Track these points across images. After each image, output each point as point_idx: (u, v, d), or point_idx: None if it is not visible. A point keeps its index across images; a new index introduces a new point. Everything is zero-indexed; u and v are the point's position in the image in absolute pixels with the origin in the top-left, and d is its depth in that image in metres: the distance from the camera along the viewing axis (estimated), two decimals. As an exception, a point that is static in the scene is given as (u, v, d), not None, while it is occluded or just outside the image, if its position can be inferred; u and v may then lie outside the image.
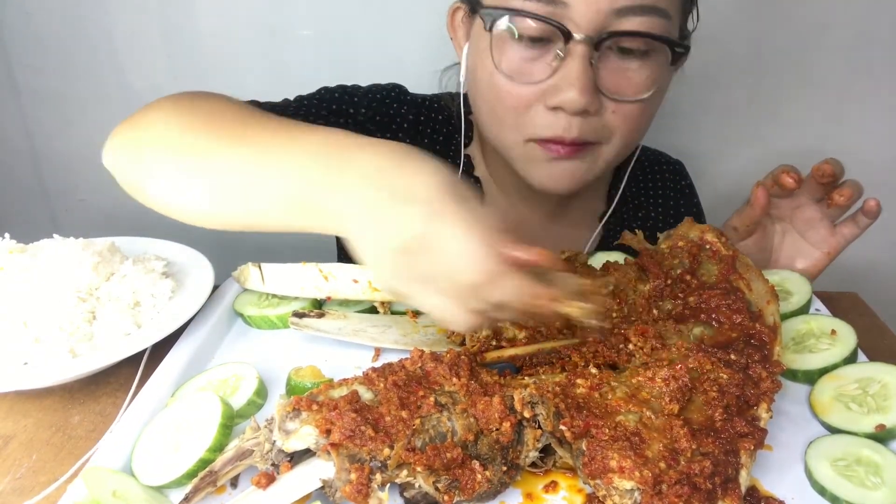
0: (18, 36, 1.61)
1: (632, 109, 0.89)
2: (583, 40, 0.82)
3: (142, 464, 0.62)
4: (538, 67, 0.86)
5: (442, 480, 0.58)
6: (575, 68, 0.83)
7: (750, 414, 0.64)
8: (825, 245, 0.98)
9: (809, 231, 0.99)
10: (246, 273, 0.87)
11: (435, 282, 0.57)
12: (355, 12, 1.53)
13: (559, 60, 0.84)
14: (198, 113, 0.78)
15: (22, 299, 0.77)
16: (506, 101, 0.90)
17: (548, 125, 0.88)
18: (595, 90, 0.85)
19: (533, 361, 0.73)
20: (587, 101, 0.84)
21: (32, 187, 1.82)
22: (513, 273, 0.56)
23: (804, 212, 0.98)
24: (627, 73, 0.87)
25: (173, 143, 0.76)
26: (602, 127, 0.90)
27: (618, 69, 0.86)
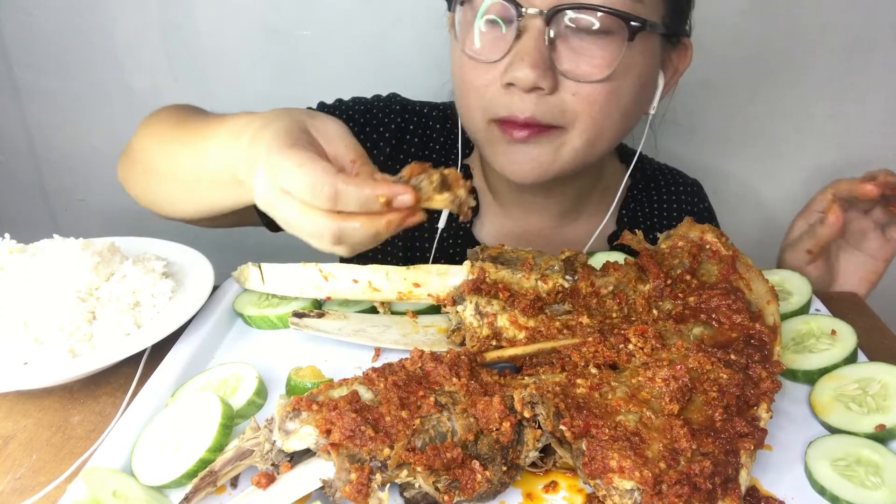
0: (18, 36, 1.61)
1: (594, 92, 0.86)
2: (535, 14, 0.82)
3: (142, 464, 0.62)
4: (497, 46, 0.86)
5: (442, 480, 0.58)
6: (526, 42, 0.83)
7: (750, 414, 0.64)
8: (881, 253, 0.99)
9: (864, 242, 1.00)
10: (246, 273, 0.87)
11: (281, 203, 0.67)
12: (355, 12, 1.53)
13: (513, 38, 0.84)
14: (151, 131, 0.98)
15: (22, 299, 0.77)
16: (468, 81, 0.90)
17: (504, 104, 0.88)
18: (549, 66, 0.84)
19: (533, 361, 0.72)
20: (537, 76, 0.83)
21: (32, 187, 1.82)
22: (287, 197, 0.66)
23: (856, 224, 0.99)
24: (587, 52, 0.85)
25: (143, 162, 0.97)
26: (562, 110, 0.87)
27: (577, 48, 0.85)
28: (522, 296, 0.77)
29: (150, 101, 1.66)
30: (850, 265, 1.01)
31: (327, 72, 1.60)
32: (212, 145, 0.80)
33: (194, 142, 0.84)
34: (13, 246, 0.82)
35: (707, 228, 0.82)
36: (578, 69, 0.85)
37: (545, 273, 0.78)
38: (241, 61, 1.62)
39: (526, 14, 0.83)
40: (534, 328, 0.75)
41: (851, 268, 1.01)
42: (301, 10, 1.55)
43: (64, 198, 1.83)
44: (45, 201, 1.85)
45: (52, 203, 1.85)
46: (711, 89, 1.60)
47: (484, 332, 0.76)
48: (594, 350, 0.70)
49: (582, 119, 0.88)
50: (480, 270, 0.78)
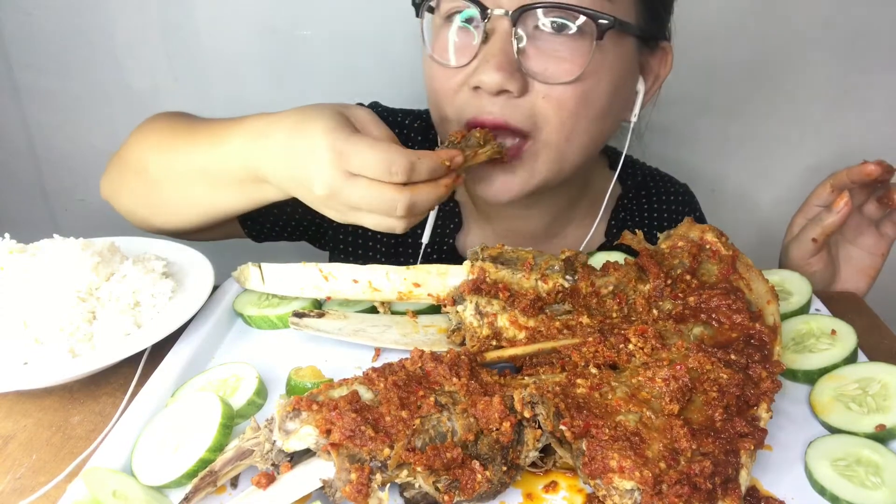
0: (18, 36, 1.61)
1: (564, 95, 0.85)
2: (501, 16, 0.81)
3: (142, 464, 0.62)
4: (465, 50, 0.86)
5: (442, 480, 0.58)
6: (492, 44, 0.82)
7: (750, 414, 0.64)
8: (877, 248, 0.99)
9: (860, 238, 1.00)
10: (246, 273, 0.87)
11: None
12: (355, 12, 1.53)
13: (482, 42, 0.83)
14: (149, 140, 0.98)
15: (22, 299, 0.77)
16: (438, 87, 0.89)
17: (472, 108, 0.87)
18: (516, 68, 0.82)
19: (533, 361, 0.72)
20: (503, 78, 0.81)
21: (32, 187, 1.82)
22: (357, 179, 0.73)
23: (852, 219, 0.99)
24: (555, 53, 0.84)
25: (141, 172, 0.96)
26: (532, 113, 0.85)
27: (545, 49, 0.83)
28: (522, 296, 0.77)
29: (150, 101, 1.68)
30: (849, 261, 1.02)
31: (327, 72, 1.61)
32: (229, 147, 0.83)
33: (208, 145, 0.87)
34: (13, 246, 0.82)
35: (707, 228, 0.82)
36: (547, 71, 0.84)
37: (545, 273, 0.78)
38: (241, 61, 1.62)
39: (492, 15, 0.81)
40: (534, 328, 0.75)
41: (850, 263, 1.01)
42: (301, 10, 1.55)
43: (64, 198, 1.83)
44: (45, 201, 1.85)
45: (52, 203, 1.85)
46: (710, 89, 1.60)
47: (484, 332, 0.76)
48: (594, 350, 0.70)
49: (551, 122, 0.86)
50: (480, 270, 0.78)
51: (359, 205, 0.74)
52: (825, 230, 0.96)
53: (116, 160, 1.01)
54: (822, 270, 1.01)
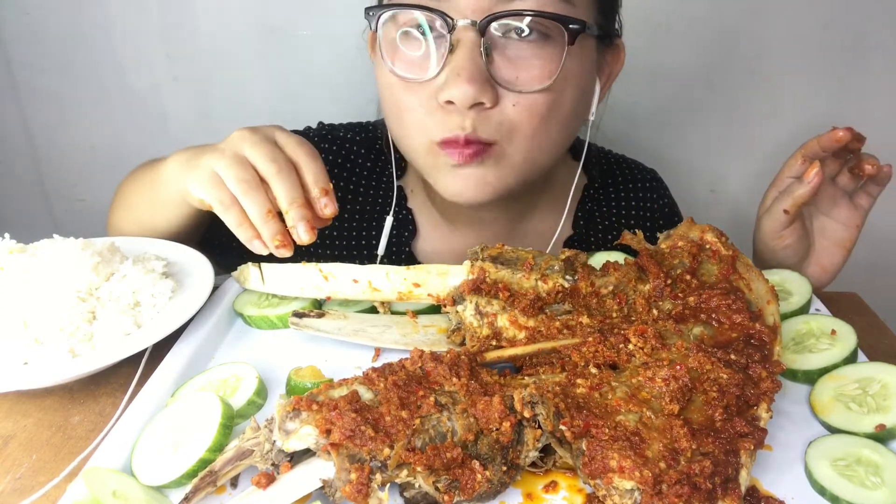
0: (18, 36, 1.61)
1: (535, 102, 0.84)
2: (467, 26, 0.78)
3: (142, 464, 0.62)
4: (429, 63, 0.82)
5: (442, 480, 0.58)
6: (460, 56, 0.79)
7: (750, 414, 0.64)
8: (851, 220, 0.98)
9: (834, 209, 0.98)
10: (246, 273, 0.87)
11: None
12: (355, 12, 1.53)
13: (448, 53, 0.80)
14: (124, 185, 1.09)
15: (22, 299, 0.77)
16: (401, 103, 0.86)
17: (444, 124, 0.84)
18: (486, 79, 0.80)
19: (533, 361, 0.72)
20: (476, 91, 0.79)
21: (32, 187, 1.82)
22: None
23: (825, 190, 0.98)
24: (526, 61, 0.82)
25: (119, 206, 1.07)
26: (503, 123, 0.84)
27: (515, 57, 0.82)
28: (522, 296, 0.77)
29: (150, 101, 1.68)
30: (824, 233, 1.00)
31: (327, 72, 1.61)
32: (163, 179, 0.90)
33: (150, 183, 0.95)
34: (13, 246, 0.82)
35: (707, 228, 0.82)
36: (518, 79, 0.82)
37: (545, 273, 0.78)
38: (241, 61, 1.62)
39: (457, 26, 0.79)
40: (534, 328, 0.75)
41: (825, 236, 1.00)
42: (301, 10, 1.55)
43: (64, 198, 1.84)
44: (45, 201, 1.85)
45: (52, 203, 1.85)
46: (711, 89, 1.60)
47: (484, 332, 0.76)
48: (594, 350, 0.70)
49: (522, 130, 0.85)
50: (480, 270, 0.78)
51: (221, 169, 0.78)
52: (796, 201, 0.93)
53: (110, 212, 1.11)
54: (794, 244, 0.98)
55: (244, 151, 0.78)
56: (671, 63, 1.56)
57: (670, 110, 1.62)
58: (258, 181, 0.77)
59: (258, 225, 0.77)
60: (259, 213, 0.76)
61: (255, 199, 0.76)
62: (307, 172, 0.79)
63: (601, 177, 1.15)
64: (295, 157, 0.79)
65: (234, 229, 0.78)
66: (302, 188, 0.78)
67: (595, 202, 1.14)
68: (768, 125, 1.64)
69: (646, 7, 1.49)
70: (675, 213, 1.22)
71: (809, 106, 1.61)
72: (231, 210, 0.77)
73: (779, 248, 0.98)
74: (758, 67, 1.57)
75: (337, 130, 1.16)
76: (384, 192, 1.12)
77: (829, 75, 1.57)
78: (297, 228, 0.76)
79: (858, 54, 1.54)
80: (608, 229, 1.13)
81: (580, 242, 1.11)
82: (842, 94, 1.59)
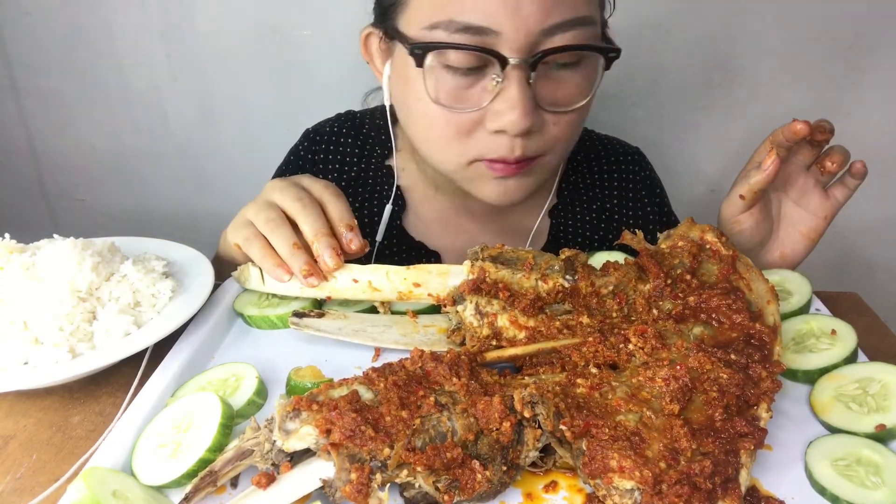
0: (18, 36, 1.61)
1: (572, 118, 0.91)
2: (518, 64, 0.82)
3: (142, 464, 0.62)
4: (475, 94, 0.87)
5: (442, 480, 0.58)
6: (514, 92, 0.83)
7: (750, 414, 0.64)
8: (821, 210, 0.97)
9: (804, 198, 0.98)
10: (246, 273, 0.87)
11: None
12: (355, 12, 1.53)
13: (497, 85, 0.84)
14: None
15: (22, 299, 0.77)
16: (444, 130, 0.90)
17: (493, 148, 0.89)
18: (535, 108, 0.86)
19: (533, 361, 0.72)
20: (530, 122, 0.85)
21: (32, 187, 1.82)
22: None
23: (797, 179, 0.98)
24: (564, 85, 0.88)
25: None
26: (546, 140, 0.90)
27: (554, 82, 0.87)
28: (522, 295, 0.77)
29: (150, 101, 1.68)
30: (789, 220, 0.99)
31: (327, 72, 1.61)
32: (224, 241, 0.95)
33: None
34: (13, 246, 0.82)
35: (707, 228, 0.82)
36: (558, 101, 0.88)
37: (545, 273, 0.78)
38: (241, 61, 1.62)
39: (509, 64, 0.82)
40: (534, 328, 0.75)
41: (790, 223, 0.99)
42: (301, 10, 1.55)
43: (64, 198, 1.84)
44: (45, 201, 1.85)
45: (52, 203, 1.85)
46: (711, 89, 1.60)
47: (484, 332, 0.76)
48: (594, 350, 0.70)
49: (562, 141, 0.93)
50: (480, 270, 0.78)
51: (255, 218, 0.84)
52: (752, 187, 0.94)
53: None
54: (750, 229, 0.98)
55: (273, 197, 0.84)
56: (671, 63, 1.56)
57: (670, 111, 1.62)
58: (284, 219, 0.83)
59: (286, 258, 0.81)
60: (286, 246, 0.81)
61: (281, 234, 0.82)
62: (332, 210, 0.84)
63: (583, 150, 1.20)
64: (320, 197, 0.85)
65: (259, 262, 0.84)
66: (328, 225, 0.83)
67: (579, 174, 1.19)
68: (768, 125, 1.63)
69: (646, 8, 1.49)
70: (657, 185, 1.25)
71: (809, 106, 1.60)
72: (254, 243, 0.83)
73: (734, 232, 0.98)
74: (757, 68, 1.57)
75: (323, 126, 1.21)
76: (373, 174, 1.18)
77: (829, 75, 1.57)
78: (323, 255, 0.80)
79: (858, 54, 1.54)
80: (592, 200, 1.18)
81: (564, 211, 1.17)
82: (841, 95, 1.59)
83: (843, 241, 1.71)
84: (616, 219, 1.19)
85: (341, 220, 0.83)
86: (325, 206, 0.84)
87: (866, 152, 1.64)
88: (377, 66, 1.02)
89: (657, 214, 1.22)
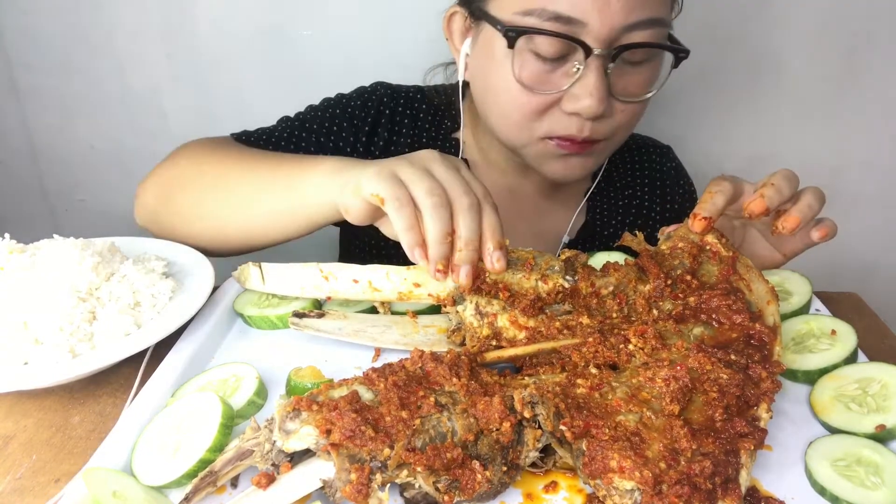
0: (18, 36, 1.61)
1: (637, 108, 0.98)
2: (601, 54, 0.88)
3: (142, 464, 0.62)
4: (556, 78, 0.93)
5: (442, 480, 0.58)
6: (593, 79, 0.90)
7: (750, 414, 0.64)
8: (785, 247, 0.94)
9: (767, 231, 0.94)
10: (246, 273, 0.87)
11: None
12: (355, 12, 1.53)
13: (578, 71, 0.91)
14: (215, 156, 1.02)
15: (22, 299, 0.77)
16: (525, 108, 0.96)
17: (564, 126, 0.96)
18: (608, 96, 0.92)
19: (533, 361, 0.73)
20: (604, 108, 0.92)
21: (32, 187, 1.82)
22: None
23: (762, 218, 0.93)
24: (635, 77, 0.95)
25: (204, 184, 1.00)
26: (612, 126, 0.97)
27: (627, 74, 0.94)
28: (522, 296, 0.77)
29: (151, 101, 1.67)
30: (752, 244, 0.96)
31: (327, 72, 1.60)
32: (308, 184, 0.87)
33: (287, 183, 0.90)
34: (13, 246, 0.82)
35: (707, 229, 0.82)
36: (628, 92, 0.95)
37: (545, 273, 0.78)
38: (241, 61, 1.62)
39: (593, 53, 0.88)
40: (534, 328, 0.75)
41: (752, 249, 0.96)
42: (301, 10, 1.55)
43: (64, 198, 1.83)
44: (45, 201, 1.84)
45: (52, 203, 1.85)
46: (710, 89, 1.60)
47: (484, 332, 0.76)
48: (594, 350, 0.70)
49: (624, 127, 0.99)
50: (481, 270, 0.78)
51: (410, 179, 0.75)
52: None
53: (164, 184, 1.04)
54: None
55: (434, 171, 0.77)
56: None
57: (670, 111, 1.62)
58: (448, 201, 0.75)
59: (433, 242, 0.74)
60: (442, 231, 0.74)
61: (443, 218, 0.74)
62: (487, 221, 0.77)
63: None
64: (482, 200, 0.78)
65: (402, 231, 0.75)
66: None
67: (612, 164, 1.24)
68: (768, 125, 1.64)
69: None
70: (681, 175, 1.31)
71: (809, 106, 1.61)
72: (405, 210, 0.74)
73: None
74: (758, 68, 1.57)
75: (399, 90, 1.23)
76: (441, 144, 1.21)
77: (830, 75, 1.57)
78: (461, 269, 0.75)
79: (858, 54, 1.54)
80: (624, 187, 1.25)
81: (600, 196, 1.23)
82: (841, 94, 1.59)
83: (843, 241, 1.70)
84: (647, 206, 1.25)
85: (493, 236, 0.76)
86: (483, 212, 0.77)
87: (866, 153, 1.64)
88: (455, 44, 1.07)
89: (684, 204, 1.28)
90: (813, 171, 1.51)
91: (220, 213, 0.97)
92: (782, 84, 1.58)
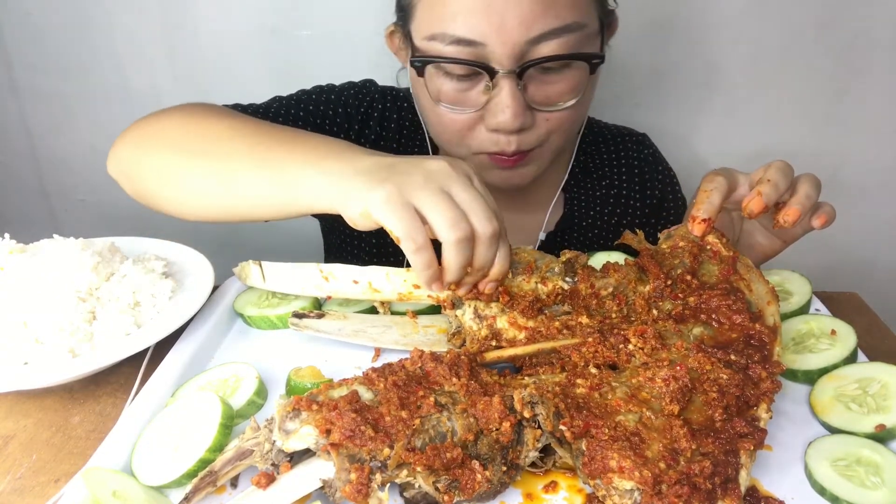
0: (18, 36, 1.61)
1: (565, 113, 0.97)
2: (506, 74, 0.89)
3: (142, 464, 0.62)
4: (472, 97, 0.94)
5: (442, 480, 0.58)
6: (505, 96, 0.90)
7: (750, 414, 0.64)
8: (785, 234, 0.92)
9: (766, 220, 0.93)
10: (247, 270, 0.87)
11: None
12: (355, 12, 1.53)
13: (490, 90, 0.92)
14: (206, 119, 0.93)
15: (22, 299, 0.77)
16: (451, 126, 0.98)
17: (491, 143, 0.97)
18: (526, 109, 0.92)
19: (533, 361, 0.72)
20: (521, 122, 0.92)
21: (32, 187, 1.82)
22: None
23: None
24: (553, 86, 0.94)
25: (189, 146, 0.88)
26: (540, 134, 0.97)
27: (545, 83, 0.93)
28: (521, 297, 0.77)
29: (150, 101, 1.67)
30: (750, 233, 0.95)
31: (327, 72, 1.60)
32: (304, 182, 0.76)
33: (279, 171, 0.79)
34: (13, 246, 0.82)
35: (707, 229, 0.82)
36: (549, 100, 0.94)
37: (545, 275, 0.78)
38: (241, 61, 1.62)
39: (498, 74, 0.89)
40: (533, 328, 0.75)
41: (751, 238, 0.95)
42: (301, 10, 1.55)
43: (64, 198, 1.83)
44: (45, 201, 1.85)
45: (52, 203, 1.85)
46: (709, 89, 1.60)
47: (483, 334, 0.76)
48: (594, 350, 0.70)
49: (556, 132, 0.99)
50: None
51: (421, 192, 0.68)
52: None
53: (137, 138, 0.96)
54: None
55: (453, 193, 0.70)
56: (671, 63, 1.56)
57: (670, 111, 1.62)
58: (471, 233, 0.70)
59: (451, 273, 0.71)
60: (463, 266, 0.71)
61: (465, 252, 0.70)
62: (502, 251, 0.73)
63: (591, 135, 1.26)
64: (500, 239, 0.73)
65: (419, 270, 0.71)
66: None
67: (588, 154, 1.24)
68: (768, 125, 1.64)
69: (646, 7, 1.49)
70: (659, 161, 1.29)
71: (809, 106, 1.60)
72: (423, 253, 0.69)
73: None
74: (758, 68, 1.57)
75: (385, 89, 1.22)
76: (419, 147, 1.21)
77: (829, 75, 1.57)
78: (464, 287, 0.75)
79: (858, 54, 1.54)
80: (601, 178, 1.24)
81: (577, 186, 1.22)
82: (841, 94, 1.59)
83: (843, 241, 1.70)
84: (625, 194, 1.24)
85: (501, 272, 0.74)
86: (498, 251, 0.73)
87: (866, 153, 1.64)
88: (401, 57, 1.07)
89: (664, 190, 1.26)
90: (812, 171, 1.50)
91: (199, 183, 0.85)
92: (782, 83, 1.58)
